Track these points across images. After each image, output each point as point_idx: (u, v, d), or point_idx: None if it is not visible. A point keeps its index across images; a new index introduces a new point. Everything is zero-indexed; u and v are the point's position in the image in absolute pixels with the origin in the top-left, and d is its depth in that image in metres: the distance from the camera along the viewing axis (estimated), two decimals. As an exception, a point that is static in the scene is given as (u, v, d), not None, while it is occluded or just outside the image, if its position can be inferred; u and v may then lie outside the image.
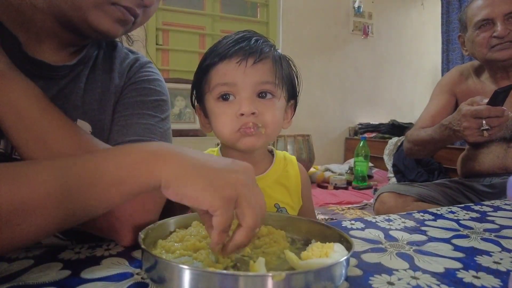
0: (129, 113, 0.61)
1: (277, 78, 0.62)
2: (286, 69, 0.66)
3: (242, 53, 0.60)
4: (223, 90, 0.61)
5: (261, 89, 0.61)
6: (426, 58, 3.93)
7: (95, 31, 0.52)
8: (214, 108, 0.63)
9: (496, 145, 1.31)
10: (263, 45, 0.62)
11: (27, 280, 0.38)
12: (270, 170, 0.70)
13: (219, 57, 0.61)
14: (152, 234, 0.45)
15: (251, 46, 0.61)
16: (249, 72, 0.60)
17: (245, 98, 0.60)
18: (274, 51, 0.65)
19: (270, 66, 0.62)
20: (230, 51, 0.60)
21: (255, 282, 0.33)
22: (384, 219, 0.66)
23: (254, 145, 0.62)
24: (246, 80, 0.60)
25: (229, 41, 0.62)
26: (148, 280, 0.38)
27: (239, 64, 0.60)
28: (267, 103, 0.62)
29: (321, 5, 3.36)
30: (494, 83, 1.33)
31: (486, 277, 0.42)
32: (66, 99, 0.58)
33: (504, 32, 1.22)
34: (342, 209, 2.14)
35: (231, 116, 0.61)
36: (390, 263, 0.45)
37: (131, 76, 0.65)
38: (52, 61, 0.56)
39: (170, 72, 2.84)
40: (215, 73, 0.62)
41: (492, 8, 1.25)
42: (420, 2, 3.84)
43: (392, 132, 3.12)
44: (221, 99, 0.62)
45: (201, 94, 0.66)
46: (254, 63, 0.60)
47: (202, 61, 0.65)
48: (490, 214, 0.72)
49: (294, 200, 0.72)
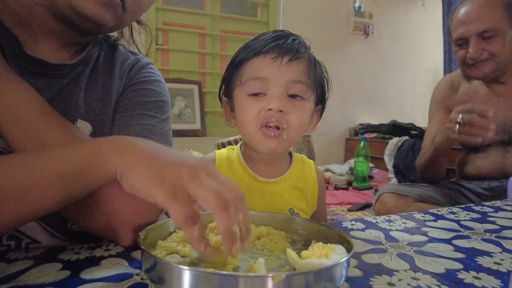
0: (130, 113, 0.61)
1: (309, 79, 0.62)
2: (318, 73, 0.66)
3: (278, 50, 0.60)
4: (255, 84, 0.61)
5: (292, 89, 0.61)
6: (426, 58, 3.93)
7: (81, 17, 0.51)
8: (242, 103, 0.63)
9: (494, 149, 1.30)
10: (300, 45, 0.63)
11: (27, 280, 0.38)
12: (288, 174, 0.70)
13: (254, 52, 0.61)
14: (151, 235, 0.45)
15: (287, 44, 0.61)
16: (283, 69, 0.60)
17: (275, 95, 0.60)
18: (309, 53, 0.65)
19: (305, 66, 0.63)
20: (266, 47, 0.61)
21: (255, 283, 0.33)
22: (385, 219, 0.66)
23: (275, 149, 0.62)
24: (279, 77, 0.60)
25: (266, 38, 0.62)
26: (148, 280, 0.38)
27: (274, 60, 0.60)
28: (296, 103, 0.62)
29: (322, 5, 3.36)
30: (487, 87, 1.33)
31: (486, 278, 0.41)
32: (67, 99, 0.58)
33: (476, 54, 1.21)
34: (342, 209, 2.14)
35: (258, 110, 0.60)
36: (391, 264, 0.45)
37: (131, 77, 0.65)
38: (53, 60, 0.56)
39: (170, 72, 2.84)
40: (249, 67, 0.62)
41: (466, 27, 1.23)
42: (421, 2, 3.83)
43: (392, 133, 3.12)
44: (251, 95, 0.62)
45: (230, 88, 0.67)
46: (290, 61, 0.60)
47: (236, 55, 0.66)
48: (491, 215, 0.72)
49: (309, 206, 0.72)
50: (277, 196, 0.68)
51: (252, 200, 0.67)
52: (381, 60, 3.70)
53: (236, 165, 0.68)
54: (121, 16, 0.54)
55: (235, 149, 0.71)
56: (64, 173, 0.40)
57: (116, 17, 0.53)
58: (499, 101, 1.29)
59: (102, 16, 0.51)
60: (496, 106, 1.29)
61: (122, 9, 0.53)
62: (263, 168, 0.68)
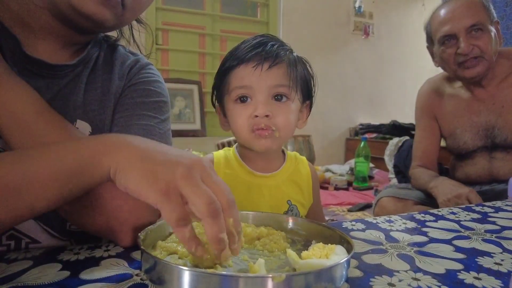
0: (129, 114, 0.61)
1: (291, 81, 0.65)
2: (301, 71, 0.69)
3: (258, 58, 0.64)
4: (241, 92, 0.65)
5: (276, 92, 0.65)
6: (427, 58, 3.86)
7: (81, 16, 0.50)
8: (232, 110, 0.67)
9: (480, 155, 1.31)
10: (279, 50, 0.65)
11: (26, 281, 0.38)
12: (283, 168, 0.73)
13: (237, 61, 0.65)
14: (151, 235, 0.45)
15: (266, 51, 0.64)
16: (264, 76, 0.64)
17: (260, 101, 0.64)
18: (290, 54, 0.68)
19: (285, 69, 0.66)
20: (247, 56, 0.64)
21: (255, 283, 0.33)
22: (385, 220, 0.66)
23: (270, 147, 0.66)
24: (262, 83, 0.64)
25: (247, 46, 0.66)
26: (148, 281, 0.38)
27: (255, 68, 0.63)
28: (281, 105, 0.66)
29: (322, 5, 3.36)
30: (469, 91, 1.33)
31: (487, 278, 0.41)
32: (66, 99, 0.58)
33: (468, 48, 1.19)
34: (342, 210, 2.14)
35: (246, 117, 0.65)
36: (391, 264, 0.45)
37: (131, 77, 0.65)
38: (52, 60, 0.56)
39: (170, 72, 2.84)
40: (233, 76, 0.66)
41: (453, 23, 1.22)
42: (421, 2, 3.83)
43: (393, 133, 3.12)
44: (238, 101, 0.66)
45: (221, 95, 0.70)
46: (269, 67, 0.64)
47: (222, 63, 0.69)
48: (491, 215, 0.72)
49: (305, 198, 0.75)
50: (275, 189, 0.71)
51: (251, 195, 0.69)
52: (381, 60, 3.70)
53: (233, 163, 0.72)
54: (121, 14, 0.54)
55: (231, 150, 0.75)
56: (58, 173, 0.39)
57: (116, 15, 0.53)
58: (481, 105, 1.29)
59: (102, 14, 0.51)
60: (478, 111, 1.30)
61: (121, 7, 0.53)
62: (259, 165, 0.71)
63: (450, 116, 1.36)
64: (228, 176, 0.69)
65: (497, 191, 1.22)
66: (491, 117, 1.27)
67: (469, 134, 1.31)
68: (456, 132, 1.34)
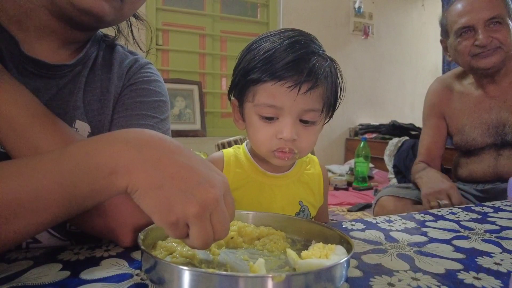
0: (128, 113, 0.61)
1: (324, 105, 0.61)
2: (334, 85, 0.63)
3: (296, 78, 0.56)
4: (269, 112, 0.60)
5: (305, 116, 0.60)
6: (426, 59, 3.93)
7: (80, 11, 0.50)
8: (254, 122, 0.62)
9: (487, 153, 1.30)
10: (318, 67, 0.58)
11: (26, 281, 0.38)
12: (294, 169, 0.72)
13: (271, 76, 0.57)
14: (151, 235, 0.45)
15: (308, 70, 0.56)
16: (299, 99, 0.58)
17: (288, 123, 0.59)
18: (328, 67, 0.61)
19: (321, 92, 0.60)
20: (284, 74, 0.56)
21: (255, 283, 0.33)
22: (385, 220, 0.66)
23: (286, 164, 0.67)
24: (294, 106, 0.58)
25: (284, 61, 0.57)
26: (148, 281, 0.38)
27: (291, 89, 0.56)
28: (307, 128, 0.62)
29: (322, 6, 3.36)
30: (480, 88, 1.32)
31: (486, 278, 0.41)
32: (65, 99, 0.57)
33: (486, 40, 1.19)
34: (342, 210, 2.14)
35: (270, 135, 0.60)
36: (391, 264, 0.45)
37: (130, 77, 0.65)
38: (51, 60, 0.56)
39: (170, 72, 2.84)
40: (264, 90, 0.59)
41: (472, 15, 1.21)
42: (420, 3, 3.83)
43: (392, 133, 3.11)
44: (264, 119, 0.61)
45: (242, 96, 0.64)
46: (308, 90, 0.57)
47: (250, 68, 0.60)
48: (491, 215, 0.72)
49: (316, 199, 0.74)
50: (286, 190, 0.70)
51: (264, 196, 0.68)
52: (381, 61, 3.70)
53: (244, 162, 0.70)
54: (120, 8, 0.54)
55: (242, 148, 0.73)
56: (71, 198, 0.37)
57: (115, 8, 0.53)
58: (492, 102, 1.29)
59: (101, 8, 0.51)
60: (488, 108, 1.29)
61: (120, 1, 0.53)
62: (270, 164, 0.68)
63: (459, 113, 1.36)
64: (238, 175, 0.68)
65: (499, 190, 1.22)
66: (502, 114, 1.26)
67: (479, 131, 1.30)
68: (465, 129, 1.34)
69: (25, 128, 0.47)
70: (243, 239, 0.49)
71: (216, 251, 0.44)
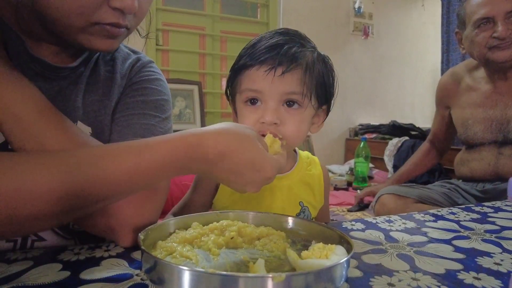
0: (130, 113, 0.61)
1: (305, 88, 0.61)
2: (320, 74, 0.64)
3: (271, 62, 0.59)
4: (250, 95, 0.63)
5: (288, 98, 0.62)
6: (426, 59, 3.93)
7: (90, 50, 0.52)
8: (241, 110, 0.65)
9: (488, 150, 1.30)
10: (296, 53, 0.60)
11: (27, 281, 0.38)
12: (295, 169, 0.72)
13: (251, 62, 0.61)
14: (151, 235, 0.45)
15: (281, 55, 0.59)
16: (276, 82, 0.59)
17: (269, 107, 0.61)
18: (309, 56, 0.62)
19: (300, 76, 0.61)
20: (261, 58, 0.60)
21: (255, 283, 0.33)
22: (385, 220, 0.66)
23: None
24: (273, 89, 0.60)
25: (263, 45, 0.61)
26: (148, 281, 0.38)
27: (267, 73, 0.59)
28: (292, 112, 0.62)
29: (322, 6, 3.36)
30: (490, 83, 1.32)
31: (486, 278, 0.41)
32: (67, 100, 0.58)
33: (506, 33, 1.18)
34: (342, 210, 2.14)
35: (254, 121, 0.62)
36: (391, 264, 0.45)
37: (132, 76, 0.65)
38: (53, 62, 0.56)
39: (170, 72, 2.84)
40: (246, 77, 0.63)
41: (492, 6, 1.20)
42: (420, 3, 3.84)
43: (392, 133, 3.11)
44: (248, 103, 0.63)
45: (233, 91, 0.67)
46: (283, 73, 0.59)
47: (238, 59, 0.65)
48: (491, 215, 0.72)
49: (317, 200, 0.74)
50: (287, 190, 0.70)
51: (264, 197, 0.68)
52: (381, 61, 3.70)
53: None
54: (127, 34, 0.55)
55: None
56: None
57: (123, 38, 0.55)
58: (499, 98, 1.29)
59: (111, 47, 0.52)
60: (494, 103, 1.29)
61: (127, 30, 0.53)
62: None
63: (465, 106, 1.37)
64: None
65: (499, 190, 1.22)
66: (508, 111, 1.26)
67: (481, 126, 1.31)
68: (468, 123, 1.35)
69: (31, 124, 0.47)
70: (243, 239, 0.49)
71: (216, 251, 0.44)
